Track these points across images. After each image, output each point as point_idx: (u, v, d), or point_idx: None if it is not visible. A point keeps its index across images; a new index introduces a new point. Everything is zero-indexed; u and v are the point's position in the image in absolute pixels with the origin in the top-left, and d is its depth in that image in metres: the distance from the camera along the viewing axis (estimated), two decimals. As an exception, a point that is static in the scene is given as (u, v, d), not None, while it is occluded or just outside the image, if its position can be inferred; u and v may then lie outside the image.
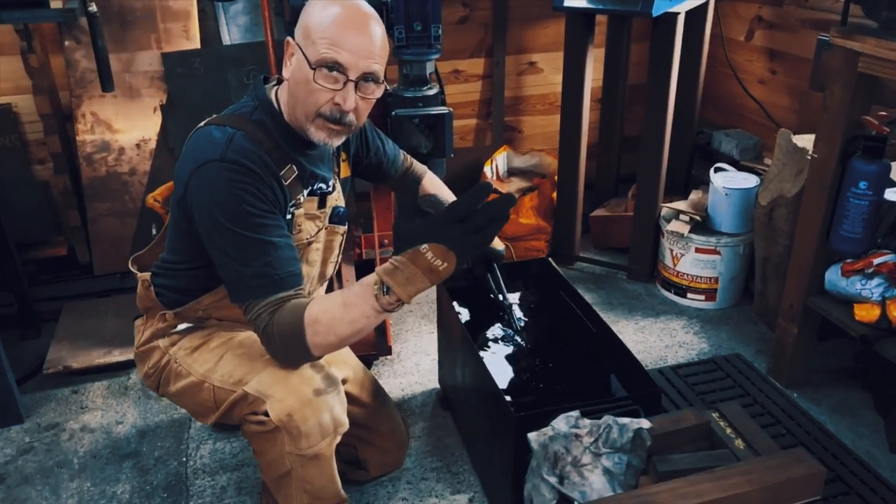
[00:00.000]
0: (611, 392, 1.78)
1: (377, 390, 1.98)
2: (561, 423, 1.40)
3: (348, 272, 2.45)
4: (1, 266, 2.58)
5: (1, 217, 2.72)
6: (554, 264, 2.27)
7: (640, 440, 1.32)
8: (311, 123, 1.47)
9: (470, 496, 1.93)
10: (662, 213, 2.82)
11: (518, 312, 2.11)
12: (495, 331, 2.04)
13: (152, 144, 2.82)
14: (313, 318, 1.38)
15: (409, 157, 2.03)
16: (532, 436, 1.39)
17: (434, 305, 2.69)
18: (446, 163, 2.52)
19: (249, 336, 1.58)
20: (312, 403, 1.43)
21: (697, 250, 2.67)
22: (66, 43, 2.72)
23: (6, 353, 2.47)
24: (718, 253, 2.65)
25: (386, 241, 2.78)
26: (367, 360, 2.32)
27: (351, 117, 1.47)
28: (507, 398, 1.73)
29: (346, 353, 1.95)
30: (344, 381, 1.80)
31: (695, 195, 2.84)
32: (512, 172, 3.39)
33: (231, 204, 1.39)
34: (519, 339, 2.00)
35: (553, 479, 1.32)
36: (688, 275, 2.73)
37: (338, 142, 1.54)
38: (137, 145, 2.81)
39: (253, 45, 2.87)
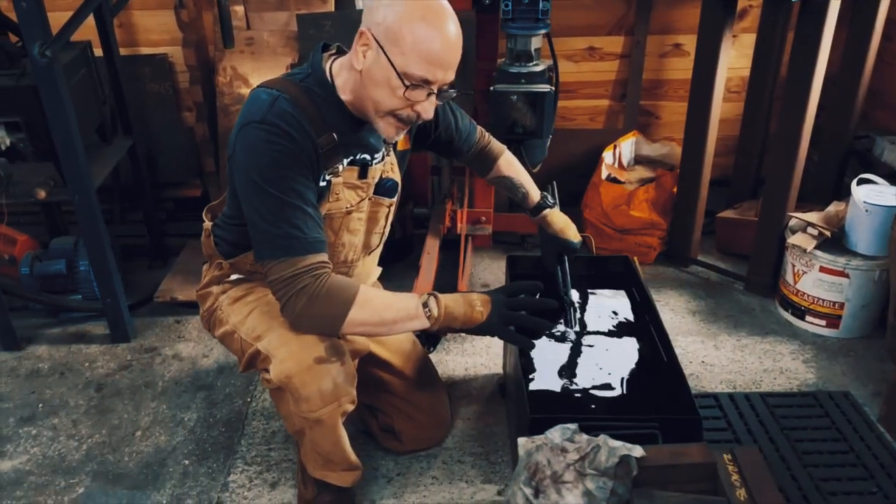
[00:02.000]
0: (651, 410, 1.64)
1: (424, 366, 1.98)
2: (555, 434, 1.32)
3: (432, 245, 2.45)
4: (141, 200, 2.88)
5: (151, 156, 3.04)
6: (636, 263, 2.12)
7: (626, 468, 1.21)
8: (380, 119, 1.50)
9: (500, 488, 1.88)
10: (790, 224, 2.52)
11: (579, 311, 1.99)
12: (553, 324, 1.94)
13: (281, 101, 2.97)
14: (367, 296, 1.47)
15: (486, 134, 1.97)
16: (521, 441, 1.32)
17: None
18: (567, 144, 2.42)
19: None
20: (312, 370, 1.46)
21: (822, 269, 2.37)
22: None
23: (133, 279, 2.78)
24: (846, 275, 2.33)
25: (483, 217, 2.75)
26: (437, 335, 2.32)
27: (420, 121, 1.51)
28: (543, 396, 1.66)
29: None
30: (378, 358, 1.85)
31: (834, 207, 2.50)
32: (639, 160, 3.19)
33: (266, 165, 1.43)
34: (573, 339, 1.89)
35: (528, 491, 1.25)
36: (809, 295, 2.43)
37: (401, 136, 1.57)
38: (267, 101, 2.98)
39: (382, 12, 2.91)
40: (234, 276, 1.73)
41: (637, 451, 1.22)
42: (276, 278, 1.43)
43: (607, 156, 3.00)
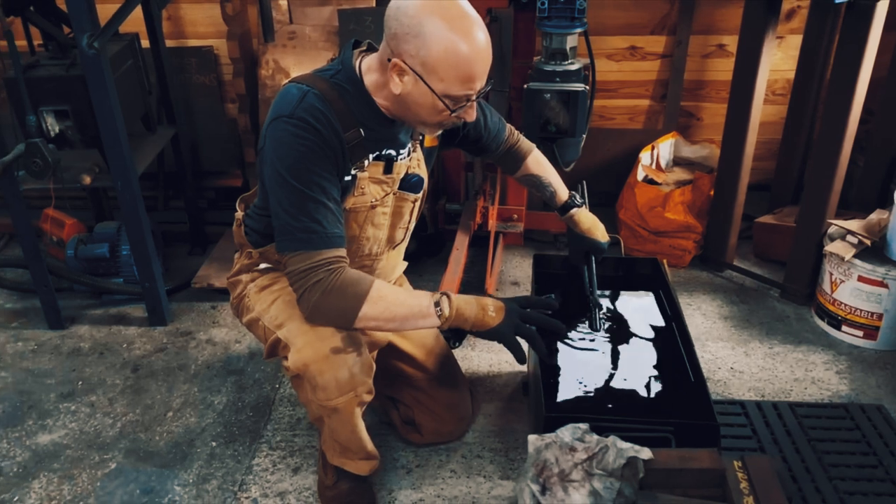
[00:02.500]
0: (668, 414, 1.63)
1: (447, 361, 2.00)
2: (566, 433, 1.32)
3: (462, 241, 2.47)
4: (182, 188, 2.97)
5: (195, 146, 3.12)
6: (665, 266, 2.10)
7: (633, 469, 1.21)
8: (425, 127, 1.55)
9: (517, 485, 1.89)
10: (829, 231, 2.46)
11: (603, 312, 1.99)
12: (577, 327, 1.94)
13: (320, 95, 3.02)
14: (380, 293, 1.49)
15: (516, 132, 1.98)
16: (532, 438, 1.33)
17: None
18: (605, 143, 2.39)
19: None
20: (328, 359, 1.49)
21: (860, 279, 2.30)
22: (262, -6, 2.98)
23: (174, 265, 2.87)
24: (886, 286, 2.27)
25: (515, 215, 2.76)
26: (463, 331, 2.33)
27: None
28: (559, 395, 1.66)
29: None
30: (392, 349, 1.88)
31: (876, 215, 2.43)
32: (678, 162, 3.15)
33: (292, 159, 1.47)
34: (596, 340, 1.89)
35: (535, 487, 1.26)
36: (846, 305, 2.37)
37: (440, 131, 1.62)
38: (308, 94, 3.03)
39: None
40: (262, 265, 1.78)
41: (645, 453, 1.22)
42: (293, 270, 1.47)
43: (644, 156, 2.97)
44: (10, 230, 3.10)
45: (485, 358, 2.36)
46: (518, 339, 1.55)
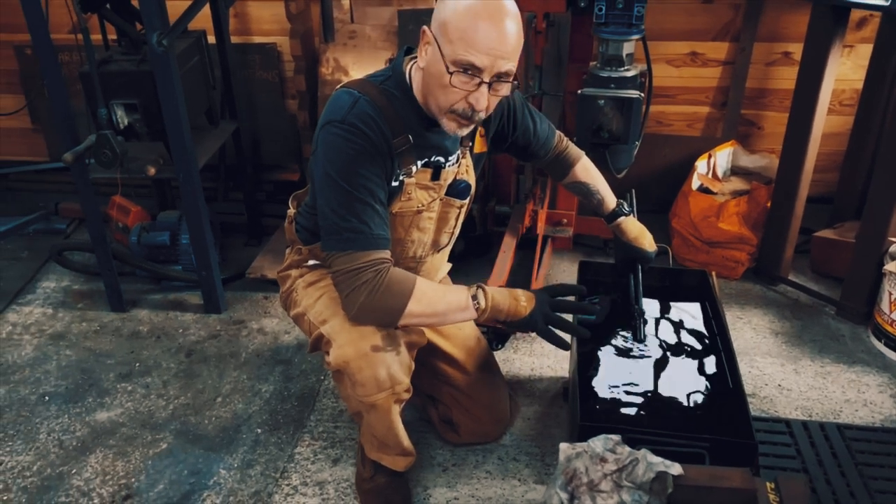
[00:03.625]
0: (704, 430, 1.61)
1: (487, 362, 2.02)
2: (597, 444, 1.33)
3: (509, 243, 2.48)
4: (242, 181, 3.06)
5: (255, 140, 3.22)
6: (713, 278, 2.07)
7: (662, 484, 1.21)
8: (443, 116, 1.54)
9: (552, 490, 1.90)
10: (891, 249, 2.38)
11: (648, 322, 1.97)
12: (621, 335, 1.94)
13: (378, 94, 3.07)
14: (423, 290, 1.54)
15: (565, 139, 1.98)
16: (563, 446, 1.34)
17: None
18: (662, 149, 2.35)
19: None
20: (368, 357, 1.53)
21: (921, 300, 2.23)
22: (325, -6, 3.05)
23: (231, 255, 2.97)
24: (948, 309, 2.19)
25: (565, 220, 2.76)
26: (506, 333, 2.35)
27: (480, 114, 1.52)
28: (596, 404, 1.67)
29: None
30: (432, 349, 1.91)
31: (942, 234, 2.34)
32: (736, 171, 3.08)
33: (343, 161, 1.51)
34: (639, 351, 1.88)
35: (564, 495, 1.27)
36: (904, 326, 2.29)
37: (466, 132, 1.60)
38: (365, 93, 3.09)
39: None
40: (311, 262, 1.83)
41: (675, 468, 1.22)
42: (339, 270, 1.51)
43: (700, 165, 2.92)
44: (79, 215, 3.26)
45: (526, 362, 2.38)
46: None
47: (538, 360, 2.39)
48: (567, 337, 1.65)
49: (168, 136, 2.33)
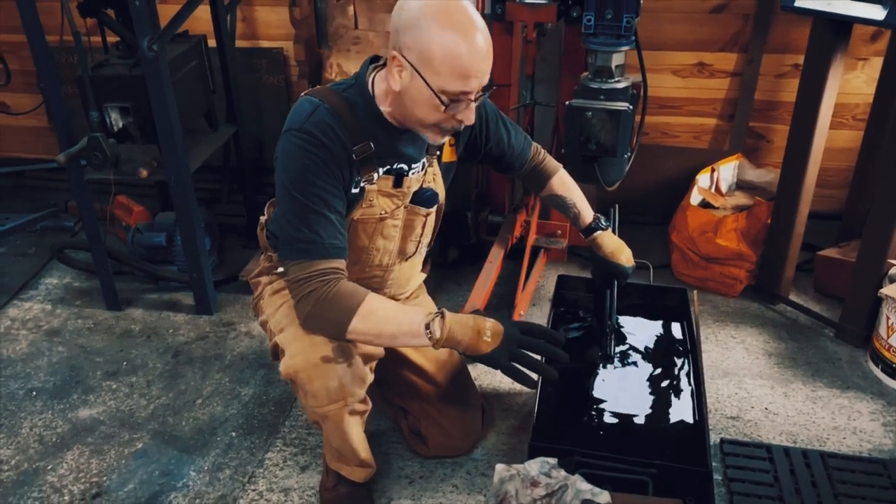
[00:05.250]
0: (657, 455, 1.56)
1: (459, 375, 2.00)
2: (533, 466, 1.30)
3: (496, 254, 2.45)
4: (241, 183, 3.09)
5: (261, 143, 3.25)
6: (694, 298, 2.02)
7: (589, 513, 1.18)
8: (426, 129, 1.54)
9: (517, 508, 1.87)
10: (890, 272, 2.29)
11: (620, 340, 1.93)
12: (591, 350, 1.90)
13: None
14: (370, 308, 1.50)
15: (542, 151, 1.95)
16: (499, 467, 1.32)
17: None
18: (666, 161, 2.27)
19: None
20: (318, 367, 1.53)
21: (918, 326, 2.14)
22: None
23: (229, 257, 3.00)
24: (946, 336, 2.09)
25: (559, 231, 2.72)
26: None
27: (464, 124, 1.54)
28: (553, 423, 1.64)
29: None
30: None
31: (945, 258, 2.25)
32: (741, 185, 3.00)
33: (296, 171, 1.51)
34: (607, 367, 1.84)
35: (494, 519, 1.25)
36: (902, 352, 2.20)
37: (445, 140, 1.62)
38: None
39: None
40: (280, 269, 1.83)
41: (603, 497, 1.19)
42: (291, 279, 1.51)
43: (702, 178, 2.86)
44: (88, 213, 3.33)
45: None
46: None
47: (520, 373, 2.35)
48: (534, 375, 1.56)
49: (159, 139, 2.37)
